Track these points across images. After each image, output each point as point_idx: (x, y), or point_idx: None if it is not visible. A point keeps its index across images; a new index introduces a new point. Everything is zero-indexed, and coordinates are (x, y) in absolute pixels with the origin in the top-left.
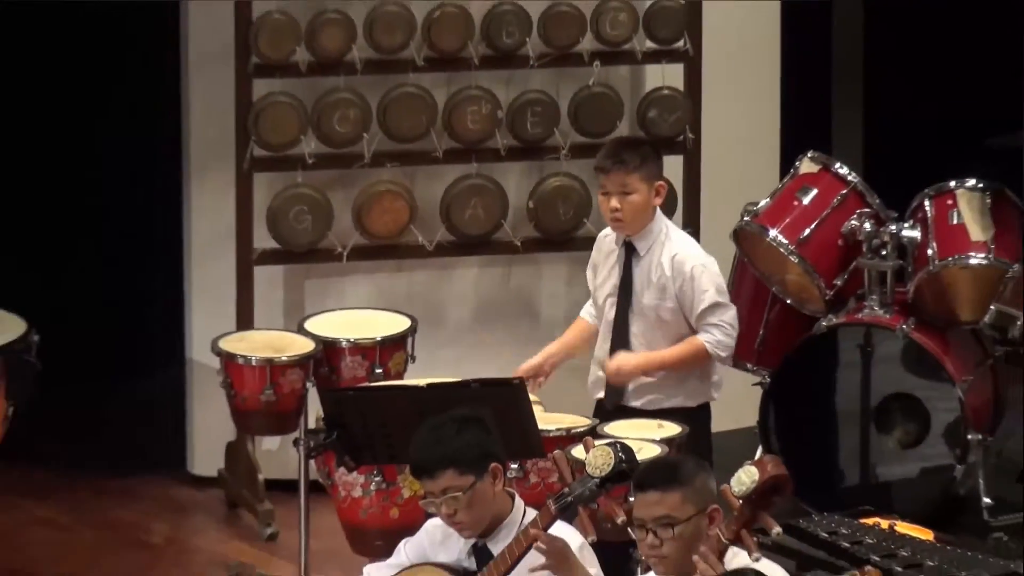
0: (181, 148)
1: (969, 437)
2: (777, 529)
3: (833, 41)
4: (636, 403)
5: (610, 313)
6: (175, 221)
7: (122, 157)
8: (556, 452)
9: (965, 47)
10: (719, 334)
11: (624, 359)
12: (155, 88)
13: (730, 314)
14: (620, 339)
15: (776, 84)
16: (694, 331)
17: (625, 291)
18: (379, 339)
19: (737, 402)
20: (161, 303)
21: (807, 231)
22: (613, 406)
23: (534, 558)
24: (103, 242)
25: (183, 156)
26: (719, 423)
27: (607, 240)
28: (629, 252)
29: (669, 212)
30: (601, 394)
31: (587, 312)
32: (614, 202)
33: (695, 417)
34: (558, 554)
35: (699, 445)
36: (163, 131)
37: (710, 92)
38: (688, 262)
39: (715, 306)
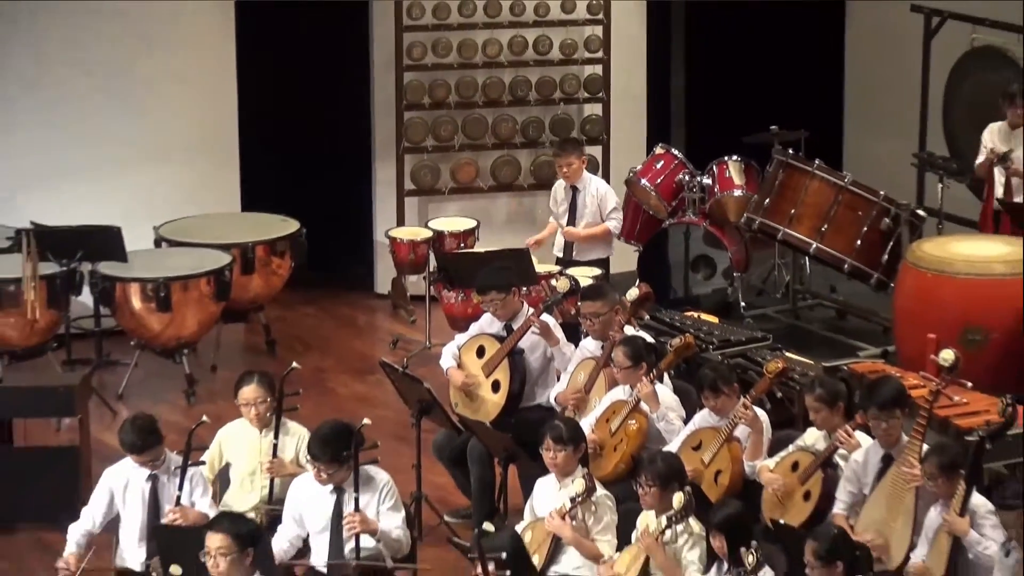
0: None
1: (735, 274)
2: (646, 317)
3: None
4: (578, 257)
5: (563, 219)
6: (368, 167)
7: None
8: (542, 281)
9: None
10: (616, 223)
11: (574, 231)
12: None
13: (619, 215)
14: (574, 226)
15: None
16: (603, 220)
17: (573, 207)
18: (462, 230)
19: (625, 258)
20: (359, 209)
21: (660, 179)
22: (567, 258)
23: (531, 340)
24: (335, 177)
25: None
26: (616, 268)
27: (559, 186)
28: (574, 191)
29: (594, 171)
30: (560, 253)
31: (553, 218)
32: (564, 170)
33: (604, 264)
34: (545, 327)
35: (605, 277)
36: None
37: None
38: (602, 189)
39: (614, 209)
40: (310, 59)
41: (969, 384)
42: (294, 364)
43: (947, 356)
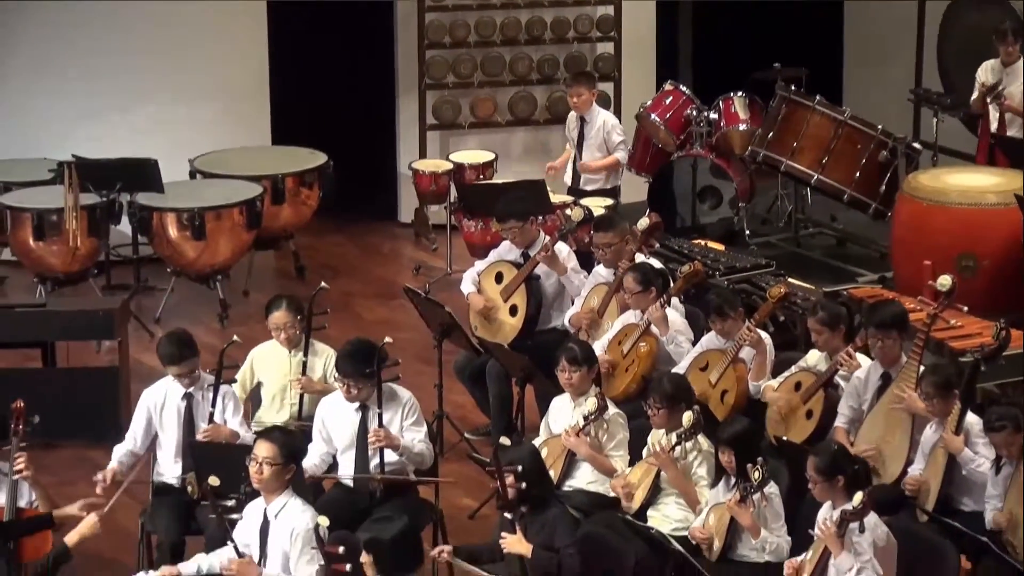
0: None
1: (739, 204)
2: (655, 245)
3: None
4: (588, 187)
5: (575, 148)
6: (392, 103)
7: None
8: (556, 211)
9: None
10: (623, 154)
11: (586, 163)
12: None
13: (626, 146)
14: (580, 155)
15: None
16: (610, 152)
17: (581, 137)
18: (481, 162)
19: (635, 189)
20: (383, 143)
21: (669, 114)
22: (575, 187)
23: (547, 267)
24: (361, 112)
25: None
26: (627, 198)
27: (572, 116)
28: (582, 121)
29: (605, 106)
30: (570, 182)
31: (569, 145)
32: (574, 100)
33: (613, 194)
34: (553, 256)
35: (615, 205)
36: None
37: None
38: (609, 122)
39: (621, 141)
40: (338, 1)
41: (965, 308)
42: (323, 284)
43: (944, 282)
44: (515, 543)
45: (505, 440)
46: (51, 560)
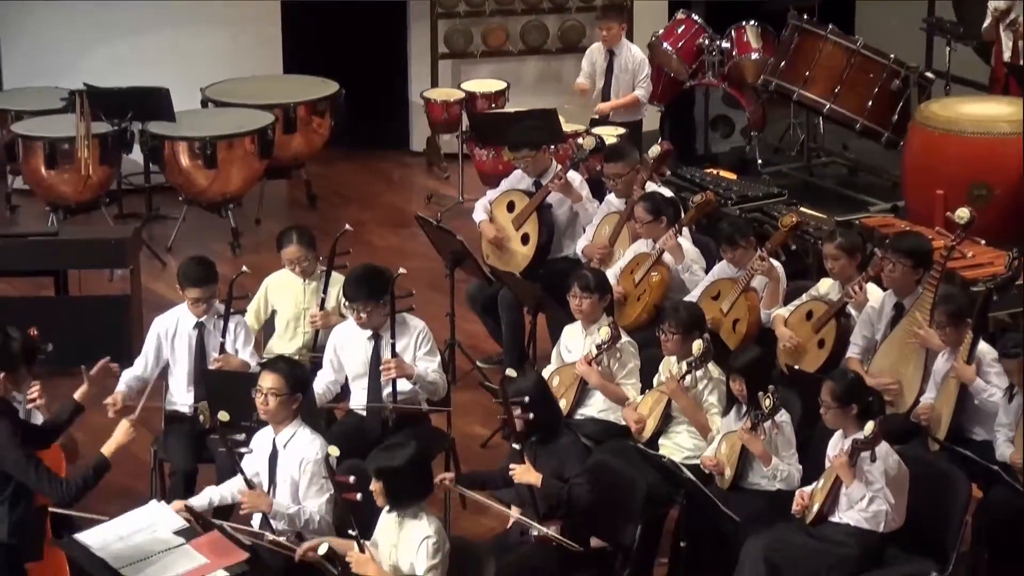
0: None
1: (752, 133)
2: (667, 174)
3: None
4: (613, 119)
5: (599, 81)
6: (404, 32)
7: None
8: (569, 139)
9: None
10: (644, 91)
11: (602, 106)
12: None
13: (649, 83)
14: (607, 89)
15: None
16: (635, 87)
17: (609, 71)
18: (493, 91)
19: (648, 118)
20: (395, 72)
21: (681, 43)
22: (602, 119)
23: (559, 195)
24: (373, 41)
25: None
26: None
27: (597, 48)
28: (611, 55)
29: (629, 38)
30: (596, 115)
31: (582, 77)
32: (604, 34)
33: (636, 126)
34: (565, 185)
35: (634, 136)
36: None
37: None
38: (637, 57)
39: (645, 77)
40: None
41: (983, 241)
42: (347, 227)
43: (963, 214)
44: (524, 473)
45: (511, 372)
46: (93, 471)
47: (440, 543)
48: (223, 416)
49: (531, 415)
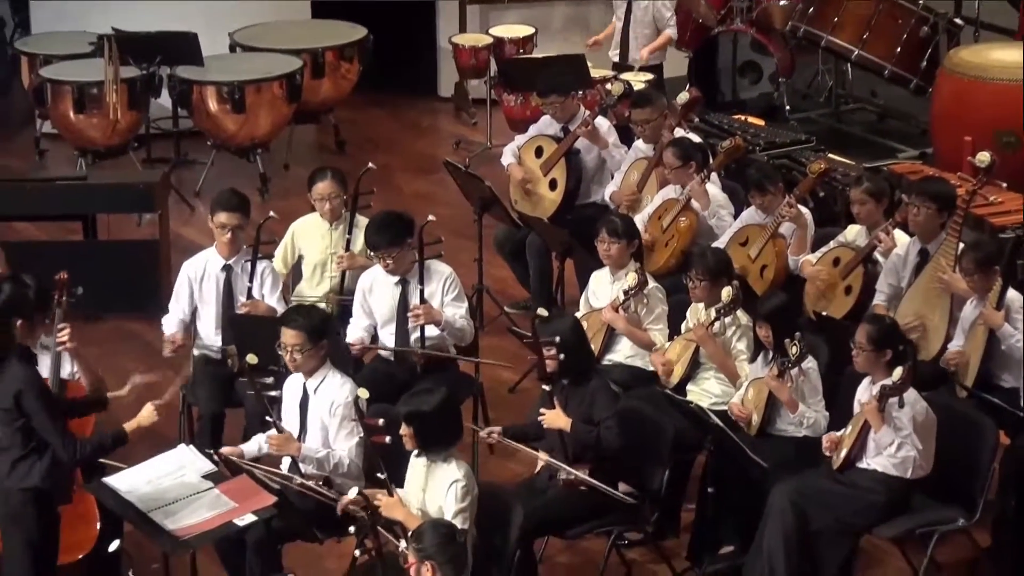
0: None
1: (780, 79)
2: (695, 120)
3: None
4: (636, 66)
5: (618, 23)
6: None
7: None
8: (597, 85)
9: None
10: (673, 30)
11: (642, 54)
12: None
13: (675, 21)
14: (624, 39)
15: None
16: (660, 29)
17: (628, 12)
18: (521, 36)
19: (676, 64)
20: (423, 17)
21: None
22: (622, 63)
23: (587, 141)
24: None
25: None
26: (668, 73)
27: None
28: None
29: None
30: (616, 58)
31: (616, 18)
32: None
33: (658, 70)
34: (593, 131)
35: (660, 83)
36: None
37: None
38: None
39: (670, 16)
40: None
41: (1004, 184)
42: (370, 164)
43: (983, 158)
44: (554, 418)
45: (543, 311)
46: (111, 438)
47: (469, 487)
48: (251, 359)
49: (563, 356)
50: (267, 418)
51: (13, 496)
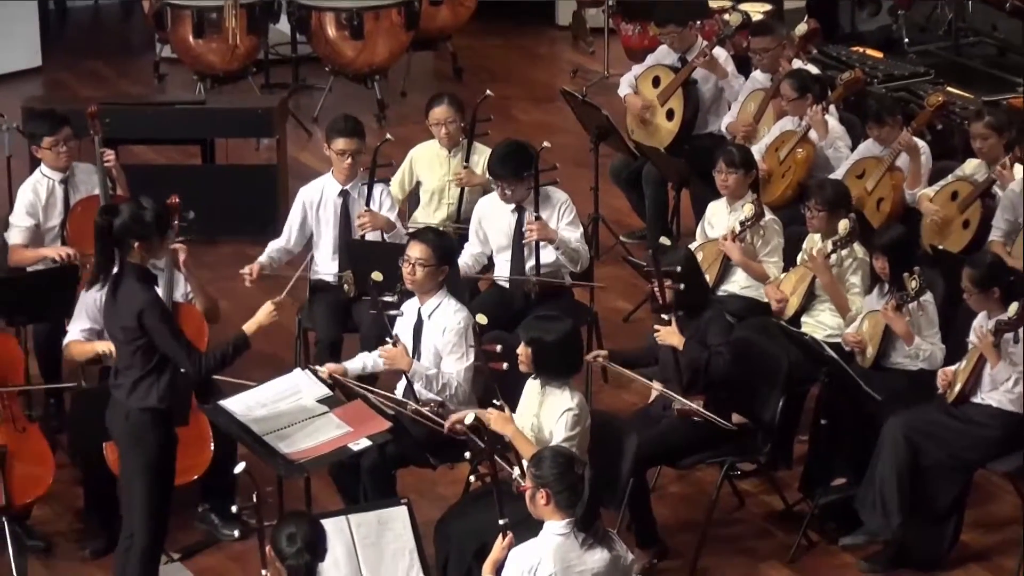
0: None
1: (899, 12)
2: (813, 51)
3: None
4: None
5: None
6: None
7: None
8: (715, 15)
9: None
10: None
11: None
12: None
13: None
14: None
15: None
16: None
17: None
18: None
19: None
20: None
21: None
22: None
23: (704, 71)
24: None
25: None
26: (787, 4)
27: None
28: None
29: None
30: None
31: None
32: None
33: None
34: (711, 61)
35: (778, 13)
36: None
37: None
38: None
39: None
40: None
41: None
42: (488, 92)
43: None
44: (669, 334)
45: (665, 240)
46: (232, 347)
47: (581, 417)
48: (376, 276)
49: (681, 286)
50: (387, 338)
51: (133, 416)
